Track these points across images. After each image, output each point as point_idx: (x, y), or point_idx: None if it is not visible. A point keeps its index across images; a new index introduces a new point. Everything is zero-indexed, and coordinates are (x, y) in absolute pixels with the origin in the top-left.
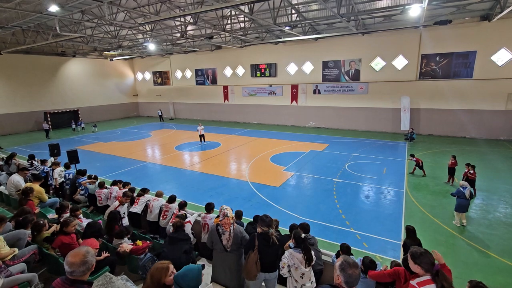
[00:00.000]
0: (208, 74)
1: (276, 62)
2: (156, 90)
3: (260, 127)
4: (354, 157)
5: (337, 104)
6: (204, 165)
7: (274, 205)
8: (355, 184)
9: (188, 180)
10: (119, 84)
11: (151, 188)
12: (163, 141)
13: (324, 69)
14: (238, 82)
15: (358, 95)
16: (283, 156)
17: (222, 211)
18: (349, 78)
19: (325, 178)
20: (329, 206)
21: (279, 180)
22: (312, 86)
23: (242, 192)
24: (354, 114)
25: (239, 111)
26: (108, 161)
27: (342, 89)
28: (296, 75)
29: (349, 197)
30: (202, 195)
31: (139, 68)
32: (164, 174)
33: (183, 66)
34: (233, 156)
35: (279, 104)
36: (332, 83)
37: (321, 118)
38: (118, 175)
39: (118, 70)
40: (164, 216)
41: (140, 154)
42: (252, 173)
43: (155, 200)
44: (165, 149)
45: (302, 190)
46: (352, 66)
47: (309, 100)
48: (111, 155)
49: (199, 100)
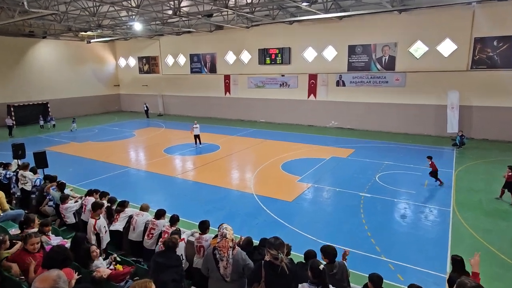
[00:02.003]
0: (206, 60)
1: (290, 46)
2: (142, 80)
3: (269, 127)
4: (387, 166)
5: (366, 99)
6: (200, 172)
7: (286, 224)
8: (388, 200)
9: (180, 191)
10: (97, 71)
11: (135, 200)
12: (150, 142)
13: (351, 55)
14: (242, 71)
15: (393, 88)
16: (297, 164)
17: (221, 230)
18: (381, 67)
19: (350, 191)
20: (355, 227)
21: (292, 194)
22: (335, 76)
23: (245, 207)
24: (387, 112)
25: (243, 106)
26: (83, 166)
27: (372, 81)
28: (315, 63)
29: (380, 216)
30: (196, 210)
31: (122, 52)
32: (151, 183)
33: (176, 50)
34: (235, 162)
35: (293, 98)
36: (360, 73)
37: (346, 117)
38: (94, 183)
39: (96, 54)
40: (149, 235)
41: (121, 158)
42: (258, 183)
43: (139, 215)
44: (152, 152)
45: (321, 206)
46: (386, 52)
47: (331, 94)
48: (87, 158)
49: (194, 92)
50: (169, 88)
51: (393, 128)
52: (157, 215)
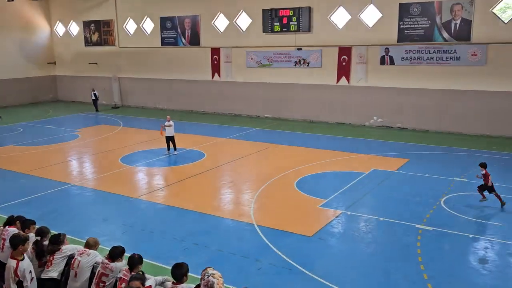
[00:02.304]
0: (185, 27)
1: (310, 5)
2: (89, 55)
3: (278, 126)
4: (458, 185)
5: (425, 84)
6: (174, 192)
7: (303, 270)
8: (460, 236)
9: (144, 219)
10: (23, 43)
11: (78, 232)
12: (100, 148)
13: (403, 18)
14: (239, 42)
15: (468, 68)
16: (321, 180)
17: (205, 278)
18: (450, 36)
19: (401, 222)
20: (409, 275)
21: (313, 225)
22: (379, 50)
23: (243, 245)
24: (458, 103)
25: (240, 95)
26: (1, 181)
27: (436, 57)
28: (348, 30)
29: (447, 260)
30: (169, 247)
31: (60, 14)
32: (101, 207)
33: (140, 12)
34: (228, 177)
35: (315, 83)
36: (417, 45)
37: (395, 111)
38: (17, 206)
39: (22, 17)
40: (99, 284)
41: (57, 171)
42: (262, 209)
43: (83, 254)
44: (104, 162)
45: (356, 244)
46: (457, 13)
47: (373, 77)
48: (7, 170)
49: (166, 74)
50: (129, 67)
51: (468, 128)
52: (112, 256)
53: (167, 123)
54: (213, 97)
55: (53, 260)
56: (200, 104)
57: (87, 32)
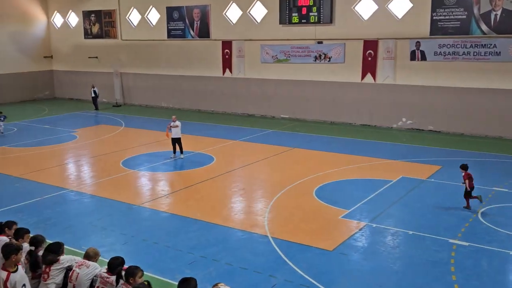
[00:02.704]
0: (194, 17)
1: None
2: (89, 49)
3: (295, 127)
4: (498, 195)
5: (461, 82)
6: (181, 199)
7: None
8: (500, 252)
9: (148, 228)
10: (17, 35)
11: (75, 242)
12: (100, 150)
13: (436, 9)
14: (253, 35)
15: (509, 65)
16: (343, 188)
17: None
18: (489, 29)
19: (432, 237)
20: None
21: (334, 238)
22: (409, 44)
23: (256, 259)
24: (498, 104)
25: (253, 93)
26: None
27: (473, 52)
28: (374, 22)
29: (486, 279)
30: (175, 260)
31: (58, 4)
32: (101, 214)
33: (144, 1)
34: (239, 183)
35: (337, 80)
36: (452, 39)
37: (426, 112)
38: (10, 212)
39: (17, 8)
40: None
41: (53, 174)
42: (277, 220)
43: (82, 266)
44: (104, 166)
45: (382, 260)
46: (498, 3)
47: (402, 74)
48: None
49: (173, 69)
50: (132, 62)
51: (509, 132)
52: (111, 268)
53: (173, 123)
54: (224, 95)
55: (50, 272)
56: (209, 103)
57: (87, 23)
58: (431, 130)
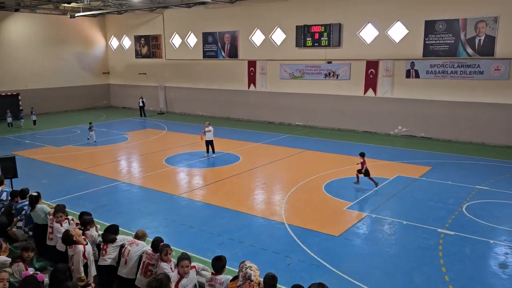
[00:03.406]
0: (225, 41)
1: (340, 22)
2: (138, 66)
3: (308, 133)
4: (480, 193)
5: (449, 96)
6: (212, 191)
7: (330, 267)
8: (481, 241)
9: (185, 215)
10: (82, 55)
11: (125, 224)
12: (147, 149)
13: (428, 35)
14: (273, 56)
15: (491, 82)
16: (348, 184)
17: (243, 270)
18: (474, 52)
19: (423, 226)
20: (431, 278)
21: (339, 225)
22: (405, 64)
23: (274, 242)
24: (482, 115)
25: (273, 104)
26: (60, 177)
27: (460, 71)
28: (376, 45)
29: (468, 264)
30: (207, 242)
31: (115, 30)
32: (146, 202)
33: (184, 28)
34: (261, 178)
35: (343, 94)
36: (441, 60)
37: (419, 121)
38: (75, 199)
39: (82, 32)
40: (147, 273)
41: (109, 169)
42: (292, 209)
43: (133, 244)
44: (149, 163)
45: (380, 245)
46: (481, 30)
47: (398, 89)
48: (65, 167)
49: (207, 84)
50: (174, 77)
51: (491, 139)
52: (154, 246)
53: (207, 128)
54: (249, 105)
55: (107, 249)
56: (237, 112)
57: (138, 46)
58: (423, 136)
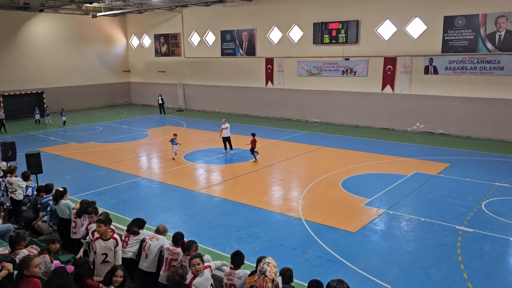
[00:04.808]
0: (242, 39)
1: (358, 18)
2: (158, 64)
3: (325, 129)
4: (499, 190)
5: (468, 93)
6: (229, 187)
7: (347, 263)
8: (500, 238)
9: (204, 210)
10: (103, 53)
11: (145, 219)
12: (166, 146)
13: (447, 30)
14: (291, 53)
15: (511, 78)
16: (365, 181)
17: (261, 264)
18: (494, 47)
19: (441, 223)
20: (449, 275)
21: (357, 222)
22: (423, 60)
23: (291, 237)
24: (502, 111)
25: (290, 101)
26: (83, 173)
27: (480, 67)
28: (393, 42)
29: (487, 261)
30: (225, 236)
31: (135, 28)
32: (166, 198)
33: (203, 26)
34: (278, 175)
35: (361, 90)
36: (461, 56)
37: (438, 118)
38: (97, 194)
39: (103, 32)
40: (169, 267)
41: (130, 165)
42: (309, 205)
43: (153, 238)
44: (169, 159)
45: (398, 242)
46: (502, 25)
47: (417, 85)
48: (88, 163)
49: (225, 81)
50: (192, 75)
51: (509, 135)
52: (175, 241)
53: (223, 125)
54: (267, 102)
55: (129, 241)
56: (254, 109)
57: (157, 44)
58: (441, 133)
